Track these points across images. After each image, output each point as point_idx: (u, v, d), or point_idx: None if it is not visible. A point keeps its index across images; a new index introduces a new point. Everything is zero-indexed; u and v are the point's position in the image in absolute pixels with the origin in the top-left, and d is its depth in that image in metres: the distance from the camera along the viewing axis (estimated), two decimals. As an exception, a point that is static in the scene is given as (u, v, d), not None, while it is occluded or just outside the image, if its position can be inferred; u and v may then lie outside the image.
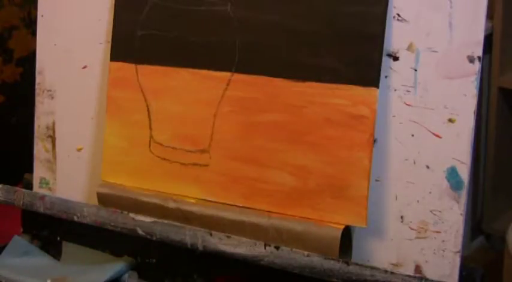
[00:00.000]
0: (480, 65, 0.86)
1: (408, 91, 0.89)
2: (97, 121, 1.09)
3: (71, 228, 1.10)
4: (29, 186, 1.16)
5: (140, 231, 1.01)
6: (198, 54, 0.99)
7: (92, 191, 1.08)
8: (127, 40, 1.04)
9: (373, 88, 0.89)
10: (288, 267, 0.92)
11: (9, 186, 1.13)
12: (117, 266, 1.06)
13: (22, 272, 1.07)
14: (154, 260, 1.06)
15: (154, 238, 1.00)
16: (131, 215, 1.02)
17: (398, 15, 0.89)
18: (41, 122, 1.14)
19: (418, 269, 0.90)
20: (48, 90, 1.13)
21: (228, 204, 0.97)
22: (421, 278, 0.87)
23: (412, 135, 0.89)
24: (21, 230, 1.17)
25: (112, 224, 1.03)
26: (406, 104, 0.89)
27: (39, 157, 1.14)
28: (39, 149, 1.14)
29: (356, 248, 0.93)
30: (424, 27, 0.88)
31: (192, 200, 0.99)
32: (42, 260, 1.13)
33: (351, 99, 0.90)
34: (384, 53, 0.89)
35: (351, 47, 0.90)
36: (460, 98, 0.87)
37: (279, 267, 0.92)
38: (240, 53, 0.96)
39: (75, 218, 1.07)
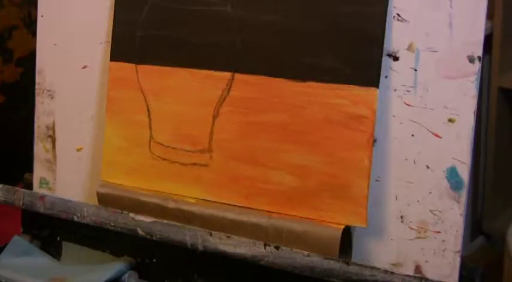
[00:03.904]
0: (480, 65, 0.86)
1: (408, 91, 0.89)
2: (97, 121, 1.09)
3: (71, 228, 1.10)
4: (29, 186, 1.16)
5: (140, 231, 1.01)
6: (198, 54, 0.99)
7: (92, 191, 1.08)
8: (127, 40, 1.04)
9: (373, 88, 0.89)
10: (288, 267, 0.92)
11: (9, 186, 1.13)
12: (117, 266, 1.06)
13: (22, 272, 1.07)
14: (154, 260, 1.06)
15: (154, 238, 1.00)
16: (131, 215, 1.02)
17: (398, 15, 0.89)
18: (41, 122, 1.14)
19: (418, 269, 0.90)
20: (48, 90, 1.13)
21: (228, 204, 0.97)
22: (421, 278, 0.87)
23: (412, 135, 0.89)
24: (21, 230, 1.17)
25: (112, 224, 1.03)
26: (406, 104, 0.89)
27: (39, 157, 1.14)
28: (39, 149, 1.14)
29: (356, 248, 0.93)
30: (424, 27, 0.88)
31: (192, 200, 0.99)
32: (42, 260, 1.13)
33: (351, 99, 0.90)
34: (384, 53, 0.89)
35: (351, 47, 0.90)
36: (460, 98, 0.87)
37: (279, 267, 0.92)
38: (240, 53, 0.96)
39: (75, 218, 1.07)
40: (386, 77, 0.90)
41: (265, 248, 0.93)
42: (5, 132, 1.68)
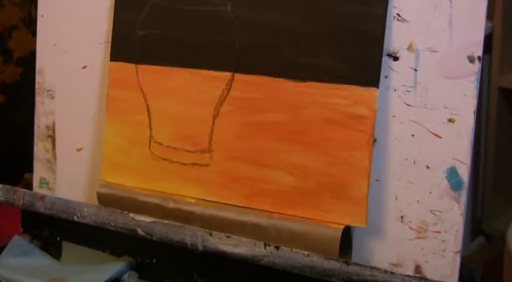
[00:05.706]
0: (480, 65, 0.86)
1: (408, 91, 0.89)
2: (97, 121, 1.09)
3: (71, 228, 1.10)
4: (29, 186, 1.16)
5: (140, 231, 1.01)
6: (198, 54, 0.99)
7: (92, 191, 1.08)
8: (127, 40, 1.04)
9: (373, 88, 0.89)
10: (288, 267, 0.92)
11: (9, 186, 1.13)
12: (117, 266, 1.06)
13: (22, 272, 1.07)
14: (154, 260, 1.06)
15: (154, 238, 1.00)
16: (131, 215, 1.02)
17: (398, 15, 0.89)
18: (41, 122, 1.14)
19: (418, 269, 0.90)
20: (48, 90, 1.13)
21: (228, 204, 0.97)
22: (421, 278, 0.87)
23: (412, 135, 0.89)
24: (21, 230, 1.17)
25: (112, 224, 1.03)
26: (406, 104, 0.89)
27: (39, 157, 1.14)
28: (39, 149, 1.14)
29: (356, 248, 0.93)
30: (424, 27, 0.88)
31: (192, 200, 0.99)
32: (42, 260, 1.13)
33: (351, 99, 0.90)
34: (384, 53, 0.89)
35: (351, 47, 0.90)
36: (460, 98, 0.87)
37: (279, 267, 0.92)
38: (240, 53, 0.96)
39: (75, 218, 1.07)
40: (386, 77, 0.90)
41: (265, 248, 0.93)
42: (5, 132, 1.68)
